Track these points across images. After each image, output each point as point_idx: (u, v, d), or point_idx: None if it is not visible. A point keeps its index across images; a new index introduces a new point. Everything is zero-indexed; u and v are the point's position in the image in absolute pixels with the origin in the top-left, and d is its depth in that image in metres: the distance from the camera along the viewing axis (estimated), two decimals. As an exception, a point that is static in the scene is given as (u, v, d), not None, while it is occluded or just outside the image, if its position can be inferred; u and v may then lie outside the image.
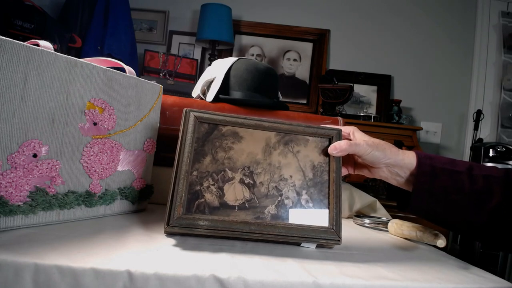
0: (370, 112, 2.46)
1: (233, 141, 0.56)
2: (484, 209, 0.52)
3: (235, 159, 0.55)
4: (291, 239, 0.53)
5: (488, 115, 2.52)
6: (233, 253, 0.49)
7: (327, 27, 2.61)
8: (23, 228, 0.49)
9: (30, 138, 0.49)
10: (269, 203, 0.54)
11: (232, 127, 0.56)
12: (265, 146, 0.57)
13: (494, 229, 0.52)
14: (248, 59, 0.93)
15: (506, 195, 0.51)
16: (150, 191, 0.70)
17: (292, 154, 0.57)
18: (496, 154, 1.76)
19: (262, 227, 0.52)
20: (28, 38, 1.41)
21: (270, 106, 0.89)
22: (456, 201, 0.53)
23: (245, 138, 0.56)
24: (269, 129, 0.57)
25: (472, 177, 0.53)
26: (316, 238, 0.54)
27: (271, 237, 0.53)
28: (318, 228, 0.54)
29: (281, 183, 0.56)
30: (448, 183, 0.53)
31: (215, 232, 0.51)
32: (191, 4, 2.58)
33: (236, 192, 0.54)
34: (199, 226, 0.51)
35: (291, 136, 0.58)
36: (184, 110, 0.57)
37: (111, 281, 0.39)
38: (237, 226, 0.51)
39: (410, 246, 0.65)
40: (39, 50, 0.49)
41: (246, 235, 0.52)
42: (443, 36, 2.61)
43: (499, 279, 0.49)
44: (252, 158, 0.56)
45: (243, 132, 0.56)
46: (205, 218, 0.51)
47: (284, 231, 0.53)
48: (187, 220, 0.51)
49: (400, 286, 0.44)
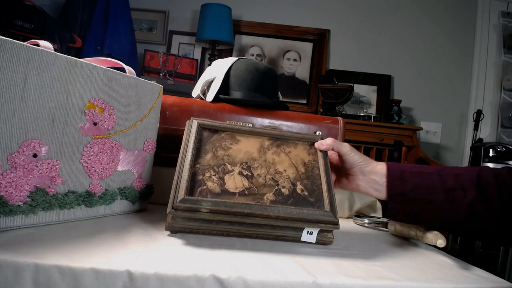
0: (370, 112, 2.46)
1: (231, 142, 0.63)
2: (460, 205, 0.54)
3: (233, 156, 0.61)
4: (292, 223, 0.54)
5: (488, 115, 2.52)
6: (233, 253, 0.49)
7: (327, 27, 2.61)
8: (23, 228, 0.49)
9: (30, 138, 0.49)
10: (268, 191, 0.58)
11: (230, 132, 0.64)
12: (260, 147, 0.64)
13: (473, 223, 0.55)
14: (248, 59, 0.93)
15: (480, 190, 0.53)
16: (150, 191, 0.70)
17: (284, 154, 0.64)
18: (496, 154, 1.76)
19: (262, 208, 0.54)
20: (28, 38, 1.41)
21: (270, 106, 0.89)
22: (430, 200, 0.55)
23: (241, 141, 0.64)
24: (262, 134, 0.66)
25: (442, 176, 0.56)
26: (316, 221, 0.55)
27: (272, 220, 0.53)
28: (316, 210, 0.56)
29: (277, 175, 0.60)
30: (419, 184, 0.56)
31: (217, 216, 0.52)
32: (191, 4, 2.58)
33: (236, 181, 0.58)
34: (202, 208, 0.51)
35: (282, 140, 0.66)
36: (189, 120, 0.65)
37: (111, 281, 0.39)
38: (239, 207, 0.53)
39: (410, 246, 0.65)
40: (39, 50, 0.49)
41: (247, 219, 0.53)
42: (443, 36, 2.61)
43: (499, 279, 0.49)
44: (249, 156, 0.62)
45: (239, 136, 0.64)
46: (208, 200, 0.53)
47: (284, 211, 0.54)
48: (190, 202, 0.52)
49: (400, 286, 0.44)
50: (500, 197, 0.52)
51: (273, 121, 0.86)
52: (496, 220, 0.53)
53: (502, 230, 0.53)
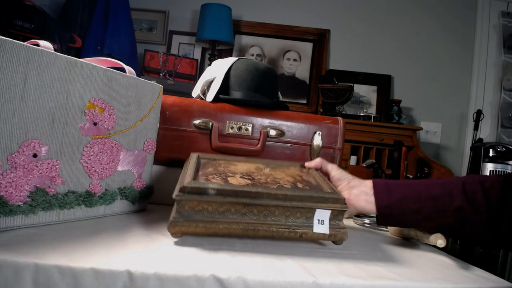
0: (370, 112, 2.46)
1: (229, 165, 0.67)
2: (448, 211, 0.55)
3: (233, 170, 0.64)
4: (300, 203, 0.53)
5: (488, 115, 2.52)
6: (233, 253, 0.49)
7: (327, 27, 2.61)
8: (23, 228, 0.49)
9: (30, 138, 0.49)
10: (270, 186, 0.58)
11: (227, 160, 0.70)
12: (257, 167, 0.68)
13: (463, 229, 0.55)
14: (248, 59, 0.93)
15: (466, 196, 0.54)
16: (150, 191, 0.70)
17: (280, 171, 0.68)
18: (496, 154, 1.76)
19: (269, 190, 0.53)
20: (28, 38, 1.41)
21: (270, 106, 0.89)
22: (418, 209, 0.56)
23: (239, 165, 0.68)
24: (256, 161, 0.71)
25: (427, 186, 0.57)
26: (323, 199, 0.54)
27: (280, 201, 0.52)
28: (321, 193, 0.55)
29: (277, 179, 0.62)
30: (406, 194, 0.57)
31: (225, 198, 0.51)
32: (191, 4, 2.58)
33: (239, 181, 0.58)
34: (209, 189, 0.51)
35: (275, 164, 0.71)
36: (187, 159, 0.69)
37: (111, 281, 0.39)
38: (245, 189, 0.52)
39: (410, 246, 0.65)
40: (39, 50, 0.49)
41: (255, 200, 0.52)
42: (443, 36, 2.61)
43: (499, 279, 0.49)
44: (248, 170, 0.65)
45: (236, 162, 0.70)
46: (215, 183, 0.54)
47: (292, 191, 0.54)
48: (198, 184, 0.52)
49: (400, 286, 0.44)
50: (487, 202, 0.53)
51: (273, 121, 0.86)
52: (486, 225, 0.53)
53: (493, 234, 0.54)
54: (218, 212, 0.52)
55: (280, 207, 0.53)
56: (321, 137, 0.87)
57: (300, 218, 0.54)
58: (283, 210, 0.53)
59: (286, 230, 0.53)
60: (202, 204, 0.51)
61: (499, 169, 1.73)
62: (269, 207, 0.53)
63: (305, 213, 0.54)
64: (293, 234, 0.53)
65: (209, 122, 0.83)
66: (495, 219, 0.53)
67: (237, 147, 0.83)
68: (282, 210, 0.53)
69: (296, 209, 0.53)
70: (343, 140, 0.89)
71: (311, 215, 0.54)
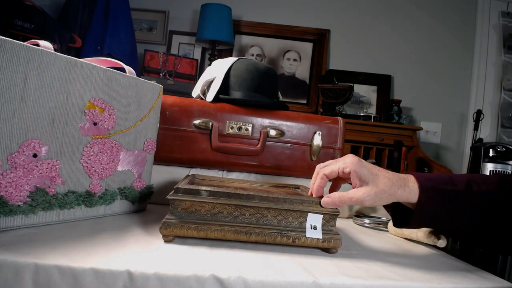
0: (370, 112, 2.46)
1: (224, 182, 0.70)
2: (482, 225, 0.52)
3: (227, 186, 0.66)
4: (291, 205, 0.53)
5: (488, 115, 2.52)
6: (233, 253, 0.49)
7: (327, 27, 2.61)
8: (23, 228, 0.49)
9: (30, 138, 0.49)
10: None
11: (220, 181, 0.72)
12: (250, 185, 0.71)
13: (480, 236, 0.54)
14: (248, 59, 0.93)
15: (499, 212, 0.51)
16: (150, 191, 0.70)
17: (275, 189, 0.70)
18: (496, 154, 1.76)
19: (260, 193, 0.54)
20: (28, 38, 1.42)
21: (270, 106, 0.89)
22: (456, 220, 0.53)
23: (234, 182, 0.71)
24: (251, 182, 0.74)
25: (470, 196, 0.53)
26: (314, 202, 0.54)
27: (272, 204, 0.53)
28: (314, 198, 0.56)
29: (269, 191, 0.64)
30: (448, 206, 0.53)
31: (217, 199, 0.52)
32: (191, 4, 2.58)
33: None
34: (202, 190, 0.52)
35: (271, 183, 0.75)
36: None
37: (111, 281, 0.39)
38: (237, 191, 0.53)
39: (410, 246, 0.65)
40: (39, 50, 0.49)
41: (245, 202, 0.52)
42: (443, 36, 2.61)
43: (499, 279, 0.49)
44: (241, 186, 0.67)
45: (232, 181, 0.73)
46: (208, 185, 0.56)
47: (283, 195, 0.54)
48: (191, 186, 0.53)
49: (400, 286, 0.44)
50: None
51: (273, 121, 0.86)
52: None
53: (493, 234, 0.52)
54: (210, 214, 0.52)
55: (272, 210, 0.53)
56: (321, 137, 0.87)
57: (292, 223, 0.54)
58: (275, 213, 0.53)
59: (279, 234, 0.53)
60: (195, 205, 0.52)
61: (499, 169, 1.74)
62: (261, 209, 0.53)
63: (297, 218, 0.54)
64: (286, 239, 0.53)
65: (209, 122, 0.83)
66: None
67: (237, 147, 0.83)
68: (274, 213, 0.53)
69: (288, 212, 0.54)
70: (343, 140, 0.89)
71: (304, 219, 0.54)
